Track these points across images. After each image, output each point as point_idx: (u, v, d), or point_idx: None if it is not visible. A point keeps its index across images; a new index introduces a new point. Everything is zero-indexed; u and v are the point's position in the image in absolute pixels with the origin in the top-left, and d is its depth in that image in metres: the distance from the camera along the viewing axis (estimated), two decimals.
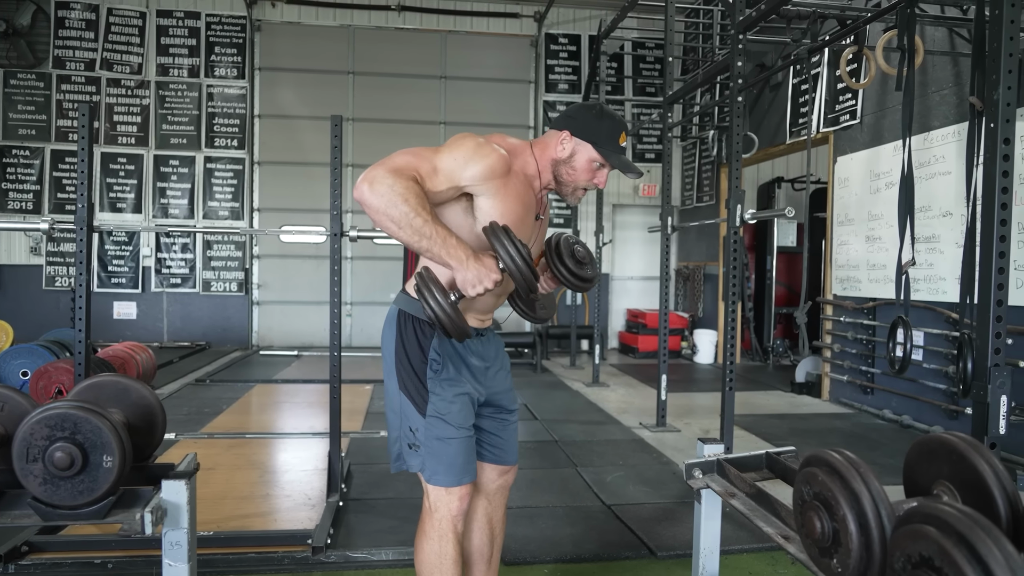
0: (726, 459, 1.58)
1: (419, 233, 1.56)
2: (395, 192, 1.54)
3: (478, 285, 1.60)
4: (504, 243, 1.59)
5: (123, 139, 8.90)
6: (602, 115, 1.82)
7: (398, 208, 1.54)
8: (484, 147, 1.70)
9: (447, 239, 1.59)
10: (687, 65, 9.06)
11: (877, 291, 5.51)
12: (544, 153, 1.83)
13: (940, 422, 4.79)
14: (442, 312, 1.59)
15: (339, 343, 3.28)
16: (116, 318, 8.96)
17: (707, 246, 9.08)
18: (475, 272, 1.59)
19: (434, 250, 1.58)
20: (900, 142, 5.25)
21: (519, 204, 1.77)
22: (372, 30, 9.37)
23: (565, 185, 1.85)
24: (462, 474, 1.81)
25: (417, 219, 1.55)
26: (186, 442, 4.33)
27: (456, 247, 1.59)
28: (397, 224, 1.55)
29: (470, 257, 1.60)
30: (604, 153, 1.80)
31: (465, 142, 1.70)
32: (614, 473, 3.88)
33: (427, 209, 1.57)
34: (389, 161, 1.62)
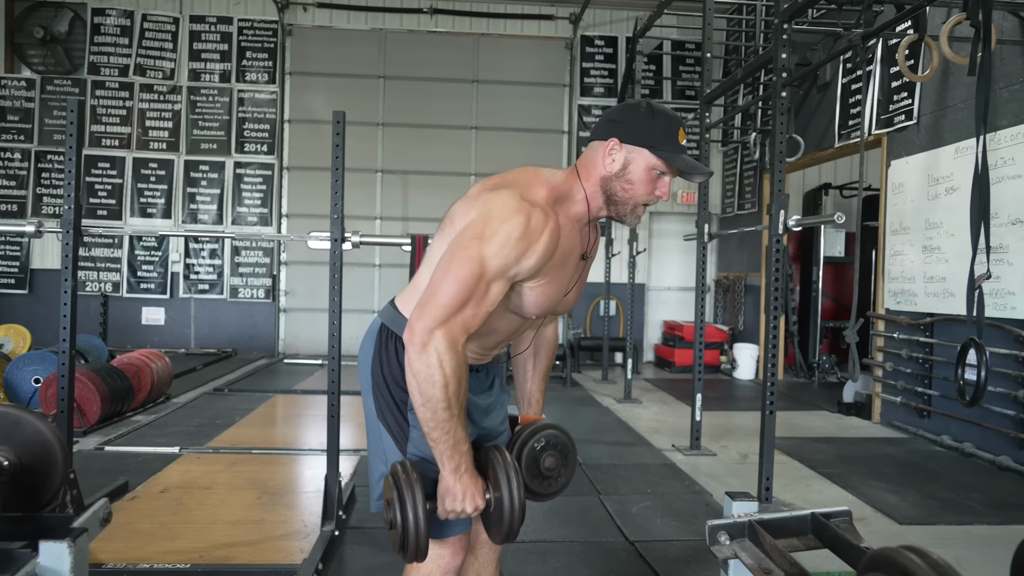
0: (760, 521, 1.26)
1: (439, 423, 1.38)
2: (440, 371, 1.35)
3: (458, 503, 1.41)
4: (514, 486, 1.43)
5: (154, 144, 8.89)
6: (653, 112, 1.49)
7: (434, 390, 1.35)
8: (533, 231, 1.39)
9: (460, 444, 1.41)
10: (729, 67, 8.67)
11: (935, 306, 5.05)
12: (591, 175, 1.51)
13: (1008, 451, 4.32)
14: (414, 523, 1.36)
15: (339, 354, 3.04)
16: (144, 324, 8.92)
17: (748, 256, 8.64)
18: (464, 488, 1.41)
19: (440, 446, 1.40)
20: (962, 144, 4.82)
21: (563, 272, 1.51)
22: (404, 34, 9.21)
23: (622, 204, 1.51)
24: (453, 523, 1.52)
25: (446, 411, 1.37)
26: (189, 457, 4.13)
27: (463, 455, 1.42)
28: (423, 401, 1.37)
29: (468, 471, 1.43)
30: (665, 156, 1.47)
31: (507, 227, 1.38)
32: (641, 503, 3.54)
33: (460, 402, 1.39)
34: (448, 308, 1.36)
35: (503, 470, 1.44)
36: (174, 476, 3.75)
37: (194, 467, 3.93)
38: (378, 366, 1.56)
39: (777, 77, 3.54)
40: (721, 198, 9.32)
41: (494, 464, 1.46)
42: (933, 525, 3.35)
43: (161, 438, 4.55)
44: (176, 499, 3.38)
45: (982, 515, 3.49)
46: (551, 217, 1.43)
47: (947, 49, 2.95)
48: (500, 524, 1.45)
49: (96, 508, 1.34)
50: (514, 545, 2.90)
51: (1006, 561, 3.02)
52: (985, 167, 2.29)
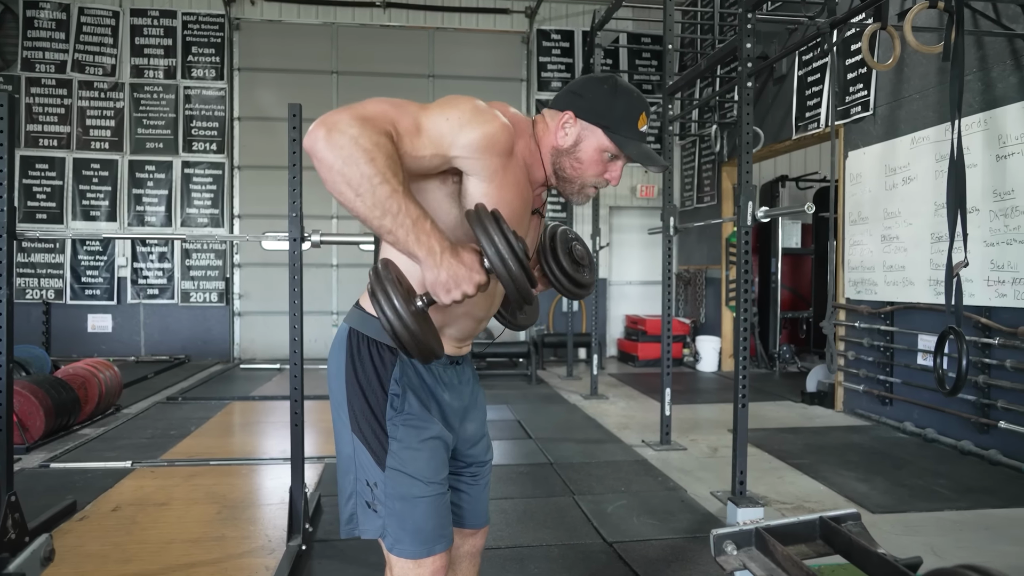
0: (768, 528, 1.19)
1: (382, 206, 1.14)
2: (358, 146, 1.13)
3: (454, 289, 1.19)
4: (494, 235, 1.17)
5: (96, 144, 8.50)
6: (616, 90, 1.40)
7: (359, 168, 1.12)
8: (485, 112, 1.29)
9: (420, 220, 1.17)
10: (686, 61, 8.70)
11: (895, 294, 5.12)
12: (544, 138, 1.43)
13: (969, 436, 4.40)
14: (399, 321, 1.16)
15: (300, 359, 2.88)
16: (91, 331, 8.54)
17: (708, 249, 8.69)
18: (451, 270, 1.18)
19: (399, 233, 1.16)
20: (917, 134, 4.89)
21: (517, 196, 1.37)
22: (356, 28, 8.99)
23: (569, 182, 1.44)
24: (434, 541, 1.41)
25: (383, 186, 1.13)
26: (142, 471, 3.92)
27: (430, 233, 1.17)
28: (355, 189, 1.13)
29: (446, 250, 1.18)
30: (618, 141, 1.39)
31: (461, 102, 1.29)
32: (616, 502, 3.48)
33: (398, 176, 1.16)
34: (357, 107, 1.20)
35: (488, 235, 1.17)
36: (126, 493, 3.54)
37: (148, 482, 3.73)
38: (352, 372, 1.44)
39: (742, 67, 3.51)
40: (680, 191, 9.37)
41: (478, 233, 1.18)
42: (904, 513, 3.36)
43: (111, 452, 4.31)
44: (129, 517, 3.19)
45: (950, 500, 3.53)
46: (508, 123, 1.32)
47: (911, 38, 2.95)
48: (511, 288, 1.19)
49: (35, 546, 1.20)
50: (490, 552, 2.81)
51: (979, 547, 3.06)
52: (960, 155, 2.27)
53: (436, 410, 1.46)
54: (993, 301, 4.18)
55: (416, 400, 1.42)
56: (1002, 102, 4.17)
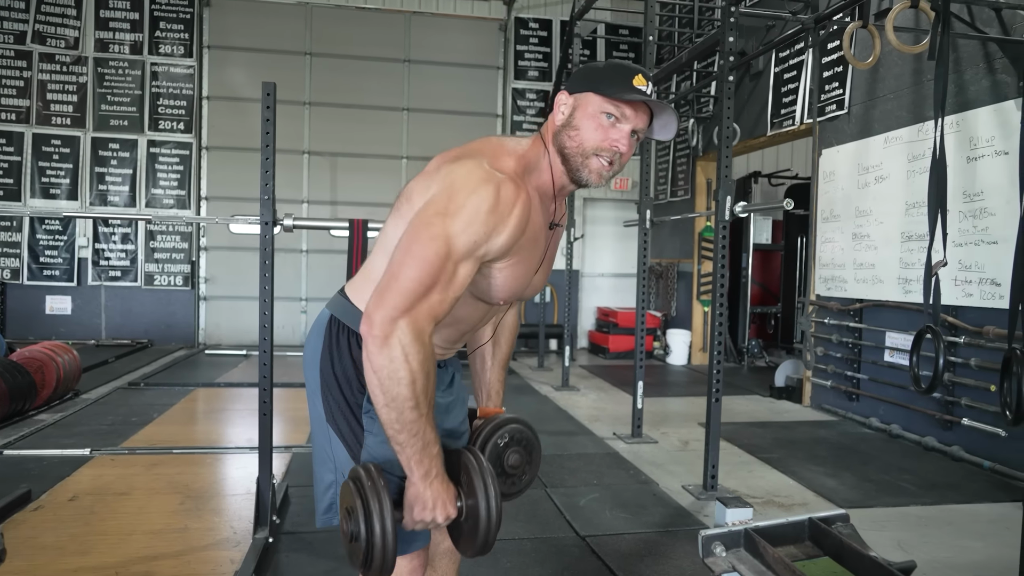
0: (757, 529, 1.16)
1: (407, 427, 1.21)
2: (406, 366, 1.18)
3: (428, 512, 1.26)
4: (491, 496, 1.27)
5: (58, 119, 8.22)
6: (607, 62, 1.38)
7: (399, 388, 1.18)
8: (503, 203, 1.25)
9: (430, 446, 1.24)
10: (662, 54, 8.69)
11: (864, 292, 5.18)
12: (549, 136, 1.39)
13: (933, 433, 4.47)
14: (381, 536, 1.20)
15: (271, 346, 2.80)
16: (49, 313, 8.29)
17: (681, 243, 8.73)
18: (435, 495, 1.25)
19: (408, 449, 1.23)
20: (891, 134, 4.94)
21: (532, 253, 1.37)
22: (332, 8, 8.81)
23: (572, 158, 1.35)
24: (411, 538, 1.37)
25: (414, 411, 1.20)
26: (102, 459, 3.79)
27: (434, 458, 1.25)
28: (387, 402, 1.19)
29: (439, 476, 1.26)
30: (612, 94, 1.31)
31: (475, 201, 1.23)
32: (588, 495, 3.46)
33: (429, 400, 1.22)
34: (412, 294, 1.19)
35: (478, 474, 1.29)
36: (84, 482, 3.42)
37: (107, 471, 3.61)
38: (328, 363, 1.38)
39: (724, 61, 3.50)
40: (654, 185, 9.38)
41: (468, 468, 1.30)
42: (872, 508, 3.40)
43: (69, 439, 4.17)
44: (87, 507, 3.08)
45: (916, 496, 3.58)
46: (522, 188, 1.29)
47: (892, 37, 2.95)
48: (475, 535, 1.29)
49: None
50: None
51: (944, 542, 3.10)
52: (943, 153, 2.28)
53: None
54: (960, 300, 4.25)
55: None
56: (974, 104, 4.23)
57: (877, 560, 1.02)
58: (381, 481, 1.23)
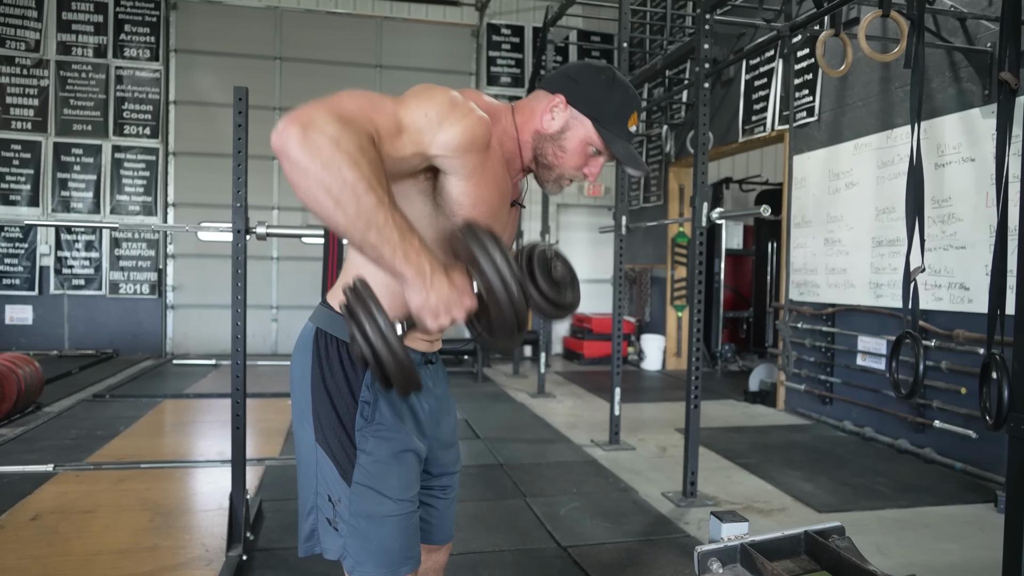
0: (753, 544, 1.14)
1: (367, 217, 1.00)
2: (340, 149, 0.98)
3: (443, 315, 1.08)
4: (492, 257, 1.07)
5: (17, 123, 7.98)
6: (613, 82, 1.32)
7: (341, 173, 0.98)
8: (463, 106, 1.18)
9: (408, 235, 1.05)
10: (634, 61, 8.74)
11: (837, 296, 5.25)
12: (528, 122, 1.33)
13: (905, 435, 4.53)
14: (385, 349, 1.03)
15: (243, 354, 2.73)
16: (8, 323, 8.03)
17: (654, 248, 8.77)
18: (441, 293, 1.07)
19: (384, 249, 1.03)
20: (860, 140, 5.01)
21: (495, 191, 1.28)
22: (301, 13, 8.71)
23: (548, 169, 1.35)
24: (399, 563, 1.31)
25: (369, 195, 1.00)
26: (66, 475, 3.66)
27: (419, 251, 1.06)
28: (335, 198, 0.99)
29: (437, 270, 1.07)
30: (606, 137, 1.31)
31: (438, 95, 1.17)
32: (568, 504, 3.43)
33: (383, 184, 1.03)
34: (333, 102, 1.05)
35: (481, 244, 1.07)
36: (47, 499, 3.30)
37: (72, 487, 3.48)
38: (319, 378, 1.32)
39: (699, 68, 3.51)
40: (627, 191, 9.41)
41: (466, 241, 1.09)
42: (849, 512, 3.43)
43: (31, 455, 4.03)
44: (51, 527, 2.97)
45: (891, 499, 3.62)
46: (485, 116, 1.22)
47: (865, 45, 2.99)
48: (501, 317, 1.10)
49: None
50: None
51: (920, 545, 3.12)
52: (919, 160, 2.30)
53: (410, 419, 1.37)
54: (930, 304, 4.31)
55: (389, 409, 1.32)
56: (940, 112, 4.30)
57: (877, 574, 1.00)
58: (369, 290, 1.06)
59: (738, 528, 1.18)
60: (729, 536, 1.17)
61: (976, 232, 4.01)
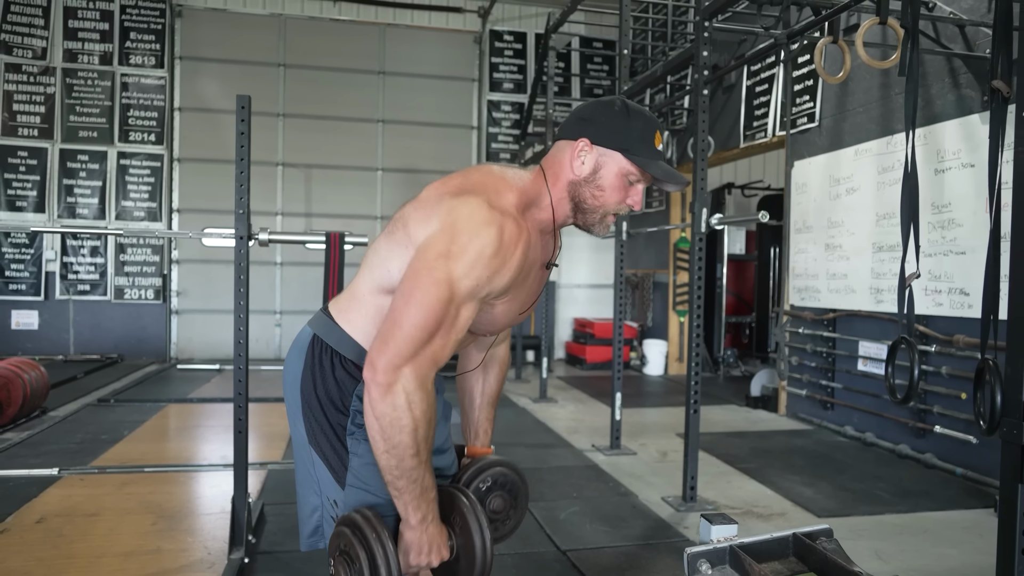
0: (742, 546, 1.16)
1: (407, 473, 1.21)
2: (409, 414, 1.18)
3: (424, 556, 1.27)
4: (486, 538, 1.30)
5: (24, 130, 8.05)
6: (629, 112, 1.34)
7: (401, 436, 1.19)
8: (507, 246, 1.24)
9: (428, 491, 1.26)
10: (636, 67, 8.78)
11: (837, 302, 5.26)
12: (558, 179, 1.35)
13: (906, 440, 4.54)
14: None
15: (245, 359, 2.76)
16: (15, 328, 8.08)
17: (656, 253, 8.80)
18: (430, 539, 1.27)
19: (406, 495, 1.23)
20: (861, 146, 5.03)
21: (526, 285, 1.37)
22: (305, 20, 8.78)
23: (591, 213, 1.36)
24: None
25: (414, 458, 1.21)
26: (70, 479, 3.70)
27: (430, 503, 1.27)
28: (387, 449, 1.19)
29: (434, 520, 1.28)
30: (641, 163, 1.32)
31: (480, 246, 1.22)
32: (568, 508, 3.45)
33: (429, 446, 1.24)
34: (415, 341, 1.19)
35: (472, 514, 1.30)
36: (52, 503, 3.33)
37: (76, 491, 3.51)
38: (310, 384, 1.35)
39: (699, 75, 3.54)
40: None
41: (460, 508, 1.32)
42: (848, 517, 3.43)
43: (36, 458, 4.06)
44: (56, 530, 3.00)
45: (891, 504, 3.63)
46: (523, 228, 1.28)
47: (862, 52, 3.01)
48: (471, 568, 1.30)
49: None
50: None
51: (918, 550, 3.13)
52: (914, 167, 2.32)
53: None
54: (931, 310, 4.32)
55: None
56: (940, 118, 4.32)
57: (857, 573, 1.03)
58: (384, 531, 1.23)
59: (727, 530, 1.20)
60: (718, 538, 1.20)
61: (976, 237, 4.02)
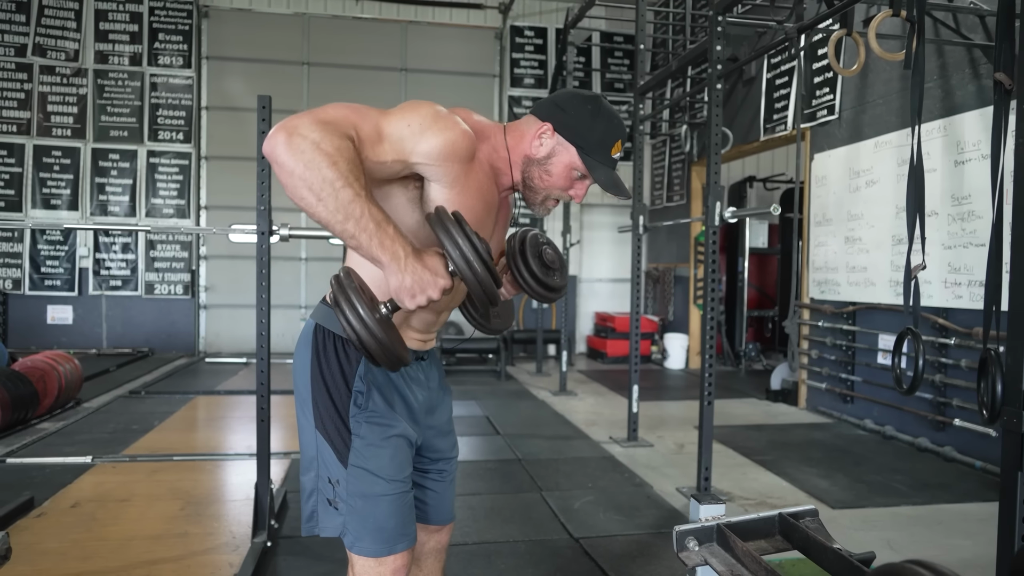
0: (729, 524, 1.21)
1: (344, 210, 1.13)
2: (320, 151, 1.12)
3: (419, 294, 1.19)
4: (457, 237, 1.17)
5: (58, 131, 8.29)
6: (598, 113, 1.42)
7: (321, 172, 1.12)
8: (446, 119, 1.30)
9: (383, 225, 1.17)
10: (657, 61, 8.77)
11: (857, 295, 5.24)
12: (518, 146, 1.44)
13: (926, 434, 4.52)
14: (366, 331, 1.16)
15: (267, 353, 2.86)
16: (50, 323, 8.34)
17: (677, 247, 8.79)
18: (416, 275, 1.18)
19: (362, 238, 1.15)
20: (880, 138, 5.00)
21: (480, 201, 1.38)
22: (328, 19, 8.90)
23: (535, 191, 1.46)
24: (395, 540, 1.42)
25: (346, 190, 1.13)
26: (103, 467, 3.85)
27: (394, 238, 1.17)
28: (316, 194, 1.12)
29: (410, 254, 1.18)
30: (589, 164, 1.41)
31: (422, 108, 1.30)
32: (583, 498, 3.51)
33: (360, 180, 1.16)
34: (318, 111, 1.19)
35: (451, 238, 1.18)
36: (86, 488, 3.48)
37: (108, 478, 3.66)
38: (317, 370, 1.44)
39: (712, 69, 3.56)
40: (650, 190, 9.45)
41: (437, 227, 1.19)
42: (863, 508, 3.45)
43: (71, 447, 4.23)
44: (89, 514, 3.13)
45: (907, 496, 3.63)
46: (468, 130, 1.33)
47: (875, 45, 3.01)
48: (478, 290, 1.20)
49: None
50: (457, 547, 2.82)
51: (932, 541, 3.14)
52: (920, 160, 2.34)
53: (402, 407, 1.47)
54: (950, 303, 4.30)
55: (381, 398, 1.43)
56: (960, 109, 4.29)
57: (840, 552, 1.07)
58: (353, 279, 1.19)
59: (715, 510, 1.26)
60: (707, 517, 1.25)
61: None
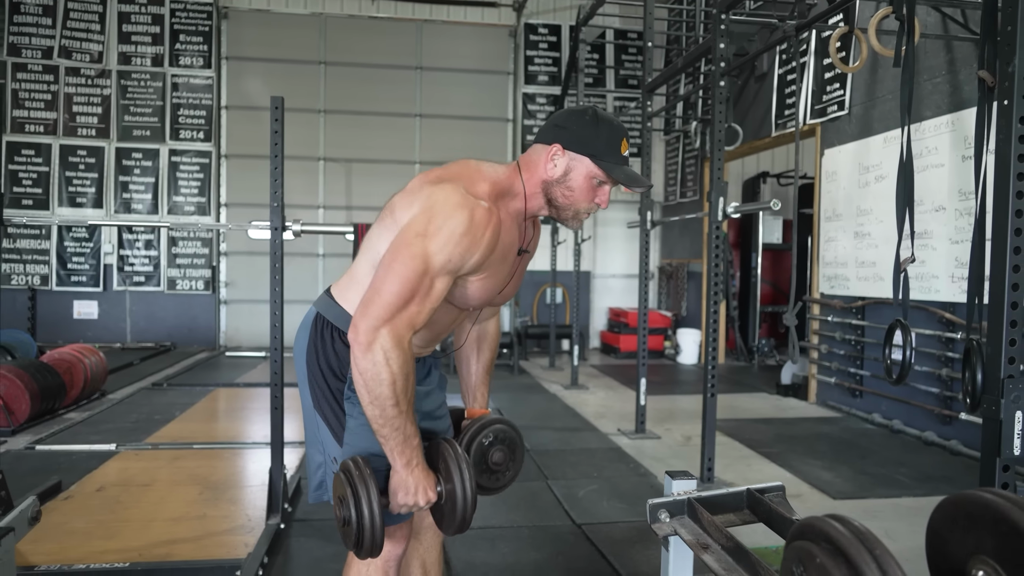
0: (699, 498, 1.30)
1: (390, 422, 1.37)
2: (388, 369, 1.34)
3: (411, 496, 1.42)
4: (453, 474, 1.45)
5: (83, 131, 8.51)
6: (597, 120, 1.50)
7: (381, 388, 1.35)
8: (476, 226, 1.40)
9: (411, 439, 1.41)
10: (670, 57, 8.80)
11: (866, 290, 5.26)
12: (533, 175, 1.52)
13: (933, 428, 4.55)
14: (370, 520, 1.35)
15: (281, 345, 2.98)
16: (76, 318, 8.58)
17: (691, 243, 8.82)
18: (415, 482, 1.42)
19: (391, 442, 1.39)
20: (890, 133, 5.02)
21: (503, 265, 1.52)
22: (344, 18, 9.03)
23: (562, 210, 1.54)
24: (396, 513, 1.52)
25: (394, 408, 1.36)
26: (126, 454, 4.00)
27: (414, 449, 1.42)
28: (371, 398, 1.36)
29: (419, 464, 1.43)
30: (605, 167, 1.49)
31: (448, 227, 1.38)
32: (588, 486, 3.60)
33: (408, 397, 1.39)
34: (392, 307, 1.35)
35: (454, 462, 1.45)
36: (111, 474, 3.63)
37: (132, 464, 3.81)
38: (313, 356, 1.55)
39: (715, 67, 3.62)
40: (664, 186, 9.48)
41: (445, 456, 1.47)
42: (864, 499, 3.50)
43: (96, 435, 4.39)
44: (113, 497, 3.28)
45: (909, 488, 3.67)
46: (494, 213, 1.44)
47: (875, 41, 3.05)
48: (453, 516, 1.45)
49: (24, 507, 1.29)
50: None
51: None
52: (910, 156, 2.39)
53: None
54: (957, 297, 4.32)
55: None
56: (968, 104, 4.30)
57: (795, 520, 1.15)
58: (368, 470, 1.38)
59: (687, 484, 1.34)
60: (679, 491, 1.33)
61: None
